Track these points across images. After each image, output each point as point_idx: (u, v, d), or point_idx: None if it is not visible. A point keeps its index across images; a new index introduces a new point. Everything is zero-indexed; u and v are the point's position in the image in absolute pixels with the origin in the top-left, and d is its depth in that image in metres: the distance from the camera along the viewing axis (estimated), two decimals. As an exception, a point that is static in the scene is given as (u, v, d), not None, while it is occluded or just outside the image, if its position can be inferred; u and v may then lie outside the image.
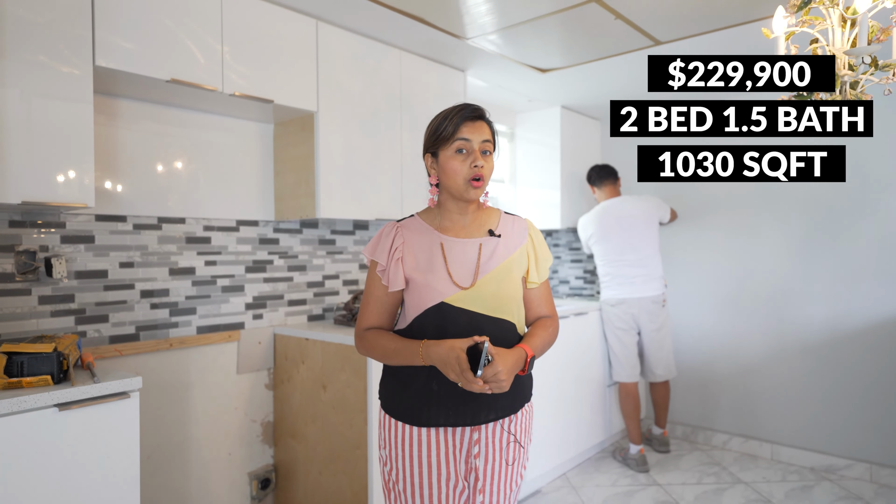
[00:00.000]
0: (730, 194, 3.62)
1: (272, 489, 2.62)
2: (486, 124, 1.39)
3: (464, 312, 1.34)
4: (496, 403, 1.37)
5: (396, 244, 1.38)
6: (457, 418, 1.35)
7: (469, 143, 1.34)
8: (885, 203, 3.09)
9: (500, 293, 1.37)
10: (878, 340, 3.12)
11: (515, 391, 1.39)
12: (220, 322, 2.46)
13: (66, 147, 1.73)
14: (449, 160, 1.35)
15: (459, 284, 1.34)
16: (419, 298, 1.35)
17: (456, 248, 1.38)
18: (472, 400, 1.34)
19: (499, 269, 1.38)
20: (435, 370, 1.32)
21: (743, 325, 3.59)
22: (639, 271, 3.38)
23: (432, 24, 2.50)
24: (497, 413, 1.38)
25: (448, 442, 1.37)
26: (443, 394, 1.33)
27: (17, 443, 1.40)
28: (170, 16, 1.97)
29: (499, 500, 1.42)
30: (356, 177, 2.57)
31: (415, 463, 1.36)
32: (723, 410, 3.68)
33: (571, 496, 2.99)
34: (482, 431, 1.39)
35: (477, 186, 1.34)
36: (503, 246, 1.41)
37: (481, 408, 1.36)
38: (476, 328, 1.33)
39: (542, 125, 3.93)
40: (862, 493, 2.98)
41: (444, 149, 1.35)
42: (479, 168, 1.33)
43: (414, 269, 1.36)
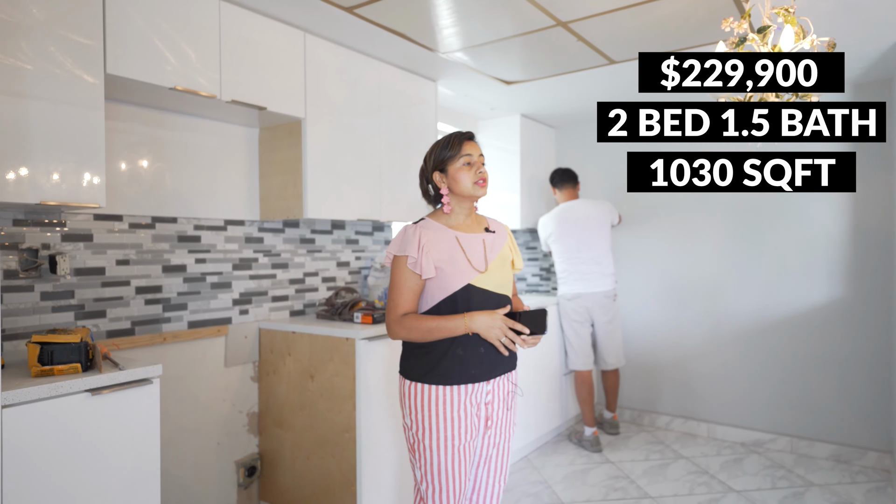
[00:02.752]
0: (672, 199, 4.00)
1: (258, 476, 2.75)
2: (477, 144, 1.77)
3: (482, 291, 1.68)
4: (503, 362, 1.74)
5: (423, 240, 1.66)
6: (478, 375, 1.67)
7: (471, 157, 1.72)
8: (805, 206, 3.52)
9: (503, 275, 1.76)
10: (798, 328, 3.55)
11: (512, 352, 1.77)
12: (209, 317, 2.57)
13: (80, 150, 1.83)
14: (458, 171, 1.71)
15: (477, 269, 1.69)
16: (447, 283, 1.66)
17: (468, 241, 1.73)
18: (488, 360, 1.69)
19: (499, 256, 1.77)
20: (460, 339, 1.64)
21: (683, 317, 3.98)
22: (593, 268, 3.70)
23: (411, 38, 2.70)
24: (503, 368, 1.75)
25: (468, 395, 1.67)
26: (467, 357, 1.66)
27: (53, 424, 1.52)
28: (173, 27, 2.09)
29: (504, 437, 1.78)
30: (340, 179, 2.74)
31: (440, 417, 1.64)
32: (665, 395, 4.06)
33: (534, 475, 3.26)
34: (493, 384, 1.73)
35: (483, 186, 1.72)
36: (497, 241, 1.80)
37: (494, 366, 1.71)
38: (492, 303, 1.69)
39: (503, 132, 4.19)
40: (784, 463, 3.40)
41: (453, 164, 1.71)
42: (482, 173, 1.72)
43: (439, 259, 1.66)
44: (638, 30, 2.59)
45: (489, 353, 1.68)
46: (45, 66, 1.75)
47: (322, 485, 2.51)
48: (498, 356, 1.71)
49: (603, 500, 2.93)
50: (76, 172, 1.82)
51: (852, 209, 3.39)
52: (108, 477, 1.64)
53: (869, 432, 3.34)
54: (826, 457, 3.45)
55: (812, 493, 2.98)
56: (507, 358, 1.76)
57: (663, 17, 2.44)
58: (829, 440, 3.46)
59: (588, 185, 4.30)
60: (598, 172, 4.30)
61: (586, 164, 4.34)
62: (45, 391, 1.49)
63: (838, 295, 3.43)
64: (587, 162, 4.35)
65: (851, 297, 3.39)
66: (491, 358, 1.70)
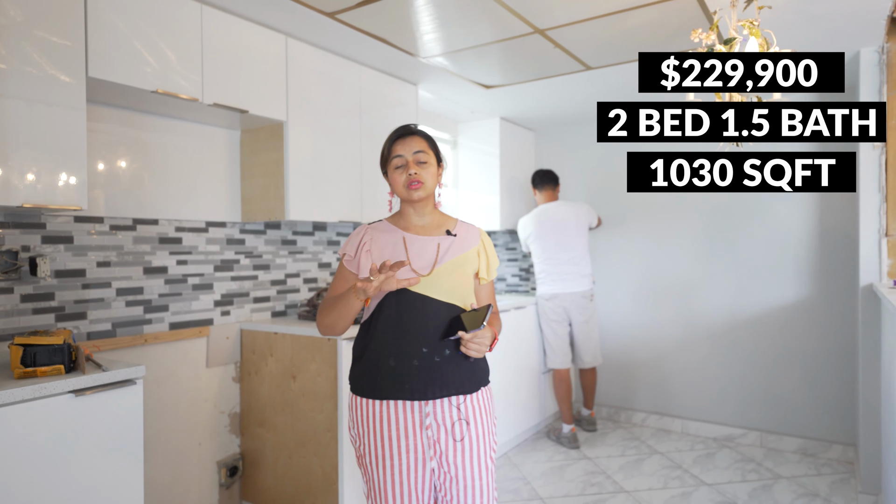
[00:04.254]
0: (647, 202, 4.10)
1: (239, 476, 2.77)
2: (420, 137, 1.60)
3: (420, 297, 1.53)
4: (447, 381, 1.53)
5: (365, 239, 1.59)
6: (414, 392, 1.50)
7: (402, 158, 1.58)
8: (774, 208, 3.65)
9: (452, 282, 1.57)
10: (767, 326, 3.67)
11: (465, 371, 1.56)
12: (190, 318, 2.59)
13: (62, 153, 1.84)
14: (391, 174, 1.60)
15: (418, 272, 1.54)
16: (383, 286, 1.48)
17: (417, 243, 1.59)
18: (425, 375, 1.51)
19: (453, 261, 1.59)
20: (390, 348, 1.52)
21: (657, 316, 4.08)
22: (570, 269, 3.78)
23: (392, 43, 2.74)
24: (446, 391, 1.53)
25: (405, 414, 1.51)
26: (399, 369, 1.51)
27: (37, 426, 1.53)
28: (155, 30, 2.11)
29: (457, 472, 1.53)
30: (321, 181, 2.77)
31: (377, 435, 1.51)
32: (641, 392, 4.16)
33: (514, 472, 3.32)
34: (433, 406, 1.53)
35: (413, 188, 1.56)
36: (458, 244, 1.62)
37: (432, 384, 1.52)
38: (432, 311, 1.53)
39: (483, 134, 4.25)
40: (754, 457, 3.51)
41: (388, 167, 1.61)
42: (413, 175, 1.56)
43: (380, 259, 1.56)
44: (613, 38, 2.67)
45: (425, 367, 1.51)
46: (24, 67, 1.75)
47: (304, 484, 2.54)
48: (439, 372, 1.52)
49: (580, 495, 3.00)
50: (57, 175, 1.83)
51: (818, 211, 3.51)
52: (91, 477, 1.65)
53: (834, 426, 3.47)
54: (794, 450, 3.57)
55: (780, 486, 3.09)
56: (456, 377, 1.54)
57: (636, 27, 2.52)
58: (797, 434, 3.58)
59: (566, 187, 4.38)
60: (577, 174, 4.39)
61: (565, 167, 4.42)
62: (28, 392, 1.50)
63: (805, 294, 3.55)
64: (566, 164, 4.43)
65: (817, 296, 3.52)
66: (429, 373, 1.51)
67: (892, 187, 2.69)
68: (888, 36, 2.64)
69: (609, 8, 2.35)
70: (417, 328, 1.53)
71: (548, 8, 2.35)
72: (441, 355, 1.53)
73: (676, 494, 3.00)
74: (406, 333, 1.52)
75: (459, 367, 1.56)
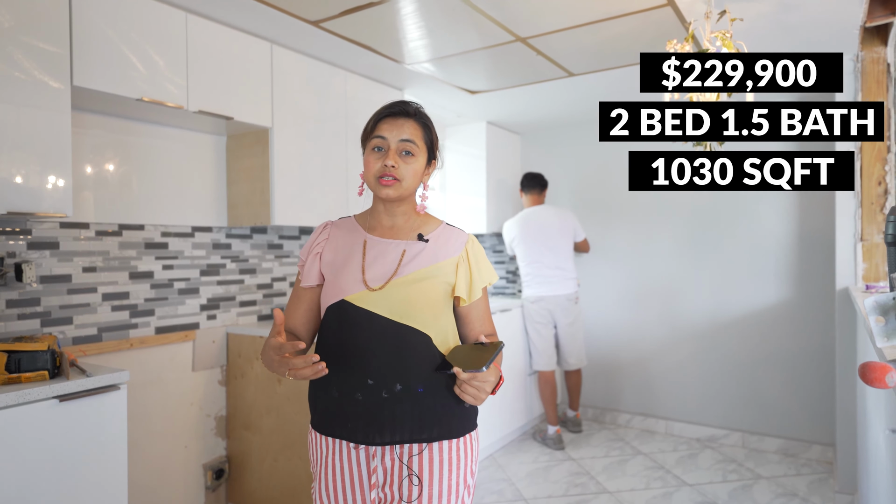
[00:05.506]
0: (631, 205, 4.15)
1: (225, 478, 2.79)
2: (415, 123, 1.30)
3: (366, 314, 1.23)
4: (401, 425, 1.22)
5: (320, 240, 1.34)
6: (356, 433, 1.22)
7: (385, 142, 1.27)
8: (755, 212, 3.71)
9: (409, 298, 1.24)
10: (748, 328, 3.73)
11: (425, 412, 1.23)
12: (176, 323, 2.61)
13: (48, 160, 1.86)
14: (366, 156, 1.30)
15: (368, 284, 1.25)
16: (326, 296, 1.29)
17: (377, 248, 1.30)
18: (367, 415, 1.21)
19: (416, 273, 1.26)
20: (332, 376, 1.24)
21: (642, 318, 4.13)
22: (555, 272, 3.82)
23: (376, 50, 2.77)
24: (400, 436, 1.22)
25: (349, 458, 1.26)
26: (343, 403, 1.23)
27: (21, 431, 1.55)
28: (140, 38, 2.13)
29: None
30: (306, 186, 2.80)
31: (326, 469, 1.28)
32: (626, 393, 4.21)
33: (499, 473, 3.36)
34: (379, 454, 1.24)
35: (384, 184, 1.26)
36: (429, 252, 1.30)
37: (380, 427, 1.21)
38: (379, 333, 1.22)
39: (470, 138, 4.30)
40: (736, 457, 3.57)
41: (366, 146, 1.31)
42: (389, 167, 1.25)
43: (330, 264, 1.31)
44: (593, 46, 2.72)
45: (370, 405, 1.21)
46: (10, 72, 1.77)
47: (289, 486, 2.57)
48: (387, 411, 1.20)
49: (563, 496, 3.05)
50: (43, 181, 1.85)
51: (798, 216, 3.58)
52: (76, 482, 1.68)
53: (814, 427, 3.53)
54: (775, 450, 3.64)
55: (760, 486, 3.15)
56: (412, 418, 1.22)
57: (615, 36, 2.57)
58: (778, 435, 3.64)
59: (552, 190, 4.43)
60: (563, 177, 4.44)
61: (551, 170, 4.47)
62: (12, 398, 1.53)
63: (785, 297, 3.62)
64: (552, 167, 4.48)
65: (797, 299, 3.58)
66: (373, 413, 1.21)
67: (866, 194, 2.75)
68: (862, 45, 2.70)
69: (588, 18, 2.39)
70: (363, 354, 1.22)
71: (528, 17, 2.39)
72: (391, 391, 1.21)
73: (658, 495, 3.05)
74: (350, 360, 1.23)
75: (421, 409, 1.22)
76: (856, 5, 2.30)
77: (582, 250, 4.06)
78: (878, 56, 2.69)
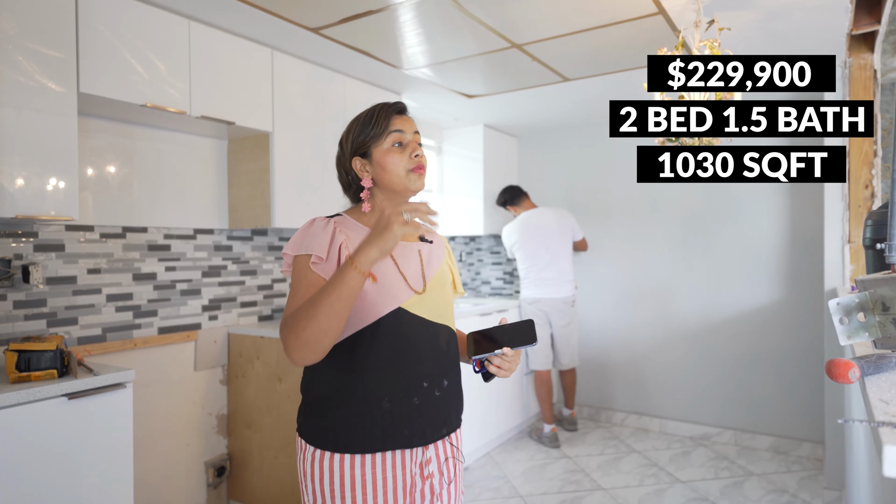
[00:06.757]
0: (625, 207, 4.22)
1: (227, 476, 2.84)
2: (411, 119, 1.31)
3: (418, 319, 1.22)
4: (450, 416, 1.27)
5: (339, 238, 1.21)
6: (414, 437, 1.20)
7: (404, 135, 1.25)
8: (747, 214, 3.77)
9: (445, 298, 1.29)
10: (740, 328, 3.80)
11: (459, 401, 1.31)
12: (179, 323, 2.66)
13: (54, 164, 1.91)
14: (386, 154, 1.24)
15: (414, 288, 1.23)
16: (369, 305, 1.18)
17: (402, 252, 1.26)
18: (428, 414, 1.22)
19: (438, 273, 1.30)
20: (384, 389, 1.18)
21: (636, 319, 4.20)
22: (553, 275, 3.89)
23: (375, 56, 2.83)
24: (449, 427, 1.27)
25: (403, 467, 1.20)
26: (396, 412, 1.18)
27: (31, 428, 1.61)
28: (144, 45, 2.19)
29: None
30: (306, 189, 2.85)
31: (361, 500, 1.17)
32: (621, 392, 4.27)
33: (495, 471, 3.42)
34: (434, 450, 1.25)
35: (421, 174, 1.25)
36: (435, 253, 1.33)
37: (438, 421, 1.23)
38: (430, 335, 1.23)
39: (467, 141, 4.35)
40: (728, 455, 3.64)
41: (378, 145, 1.24)
42: (420, 157, 1.25)
43: None
44: (587, 52, 2.77)
45: (426, 404, 1.21)
46: (16, 77, 1.83)
47: (289, 483, 2.63)
48: (442, 407, 1.24)
49: (558, 493, 3.11)
50: (49, 185, 1.90)
51: (789, 218, 3.64)
52: (83, 478, 1.73)
53: (804, 425, 3.59)
54: (766, 448, 3.70)
55: (751, 482, 3.21)
56: (454, 410, 1.28)
57: (608, 43, 2.63)
58: (769, 433, 3.71)
59: (549, 192, 4.49)
60: (560, 179, 4.50)
61: (547, 172, 4.53)
62: (23, 396, 1.58)
63: (776, 297, 3.68)
64: (547, 170, 4.54)
65: (787, 299, 3.64)
66: (431, 413, 1.22)
67: (853, 197, 2.82)
68: (849, 51, 2.76)
69: (582, 25, 2.45)
70: (418, 359, 1.21)
71: (524, 25, 2.45)
72: (441, 388, 1.24)
73: (651, 492, 3.11)
74: (406, 367, 1.20)
75: (457, 398, 1.30)
76: (841, 13, 2.36)
77: (581, 249, 4.12)
78: (864, 62, 2.76)
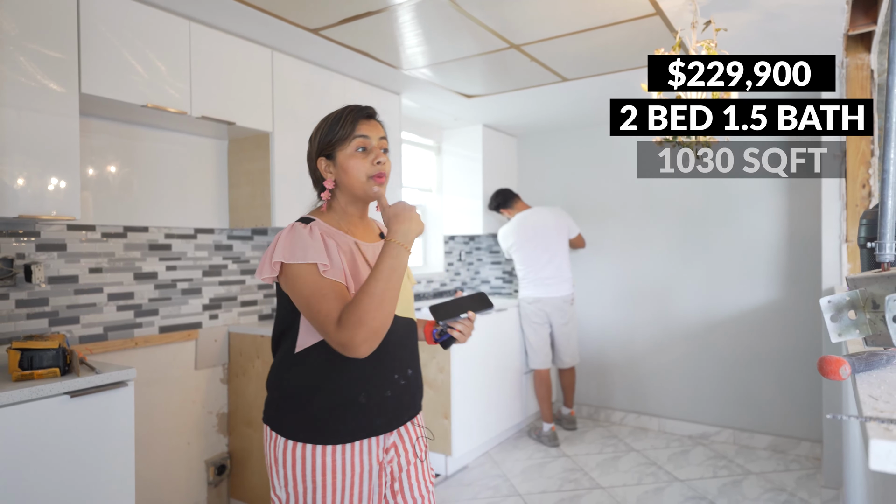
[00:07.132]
0: (624, 207, 4.23)
1: (227, 474, 2.86)
2: (380, 124, 1.35)
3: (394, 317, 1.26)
4: (414, 402, 1.38)
5: (330, 243, 1.25)
6: (382, 425, 1.29)
7: (368, 141, 1.30)
8: (745, 215, 3.79)
9: (407, 290, 1.37)
10: (739, 327, 3.81)
11: (421, 382, 1.42)
12: (179, 322, 2.68)
13: (56, 164, 1.93)
14: (349, 159, 1.28)
15: None
16: None
17: (370, 252, 1.33)
18: (395, 404, 1.31)
19: None
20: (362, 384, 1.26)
21: (634, 318, 4.21)
22: (552, 274, 3.90)
23: (374, 56, 2.84)
24: (413, 411, 1.38)
25: (368, 454, 1.28)
26: (370, 405, 1.27)
27: (34, 426, 1.62)
28: (145, 46, 2.20)
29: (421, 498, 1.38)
30: (306, 189, 2.84)
31: (336, 488, 1.23)
32: (619, 391, 4.29)
33: (494, 470, 3.44)
34: (396, 434, 1.34)
35: (380, 183, 1.30)
36: None
37: (404, 408, 1.34)
38: (399, 330, 1.31)
39: (466, 141, 4.37)
40: (726, 454, 3.65)
41: (343, 148, 1.29)
42: (382, 165, 1.30)
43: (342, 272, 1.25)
44: (585, 53, 2.79)
45: (396, 395, 1.31)
46: (18, 78, 1.84)
47: (290, 481, 2.64)
48: (407, 394, 1.34)
49: (557, 491, 3.12)
50: (52, 187, 1.92)
51: (787, 218, 3.66)
52: (86, 475, 1.75)
53: (802, 424, 3.61)
54: (765, 447, 3.71)
55: (749, 481, 3.23)
56: (417, 393, 1.39)
57: (606, 43, 2.64)
58: (768, 432, 3.72)
59: (548, 192, 4.51)
60: (558, 179, 4.51)
61: (545, 172, 4.55)
62: (26, 394, 1.60)
63: (774, 296, 3.70)
64: (546, 169, 4.56)
65: (786, 299, 3.66)
66: (398, 402, 1.32)
67: (851, 196, 2.83)
68: (846, 51, 2.77)
69: (580, 26, 2.47)
70: (391, 353, 1.30)
71: (522, 26, 2.47)
72: (406, 377, 1.34)
73: (650, 490, 3.12)
74: (381, 362, 1.27)
75: (419, 385, 1.40)
76: (838, 14, 2.38)
77: (578, 246, 4.14)
78: (861, 62, 2.77)
